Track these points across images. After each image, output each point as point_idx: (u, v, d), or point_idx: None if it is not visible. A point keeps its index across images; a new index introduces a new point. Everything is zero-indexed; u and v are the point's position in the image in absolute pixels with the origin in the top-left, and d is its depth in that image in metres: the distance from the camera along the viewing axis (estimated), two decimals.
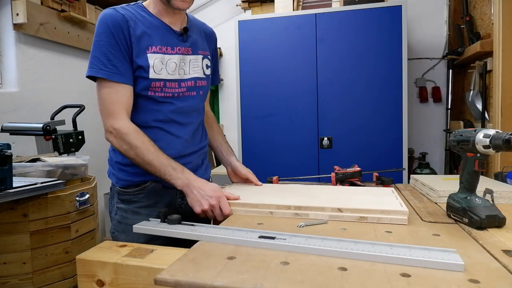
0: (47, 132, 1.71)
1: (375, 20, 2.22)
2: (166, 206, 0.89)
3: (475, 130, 0.76)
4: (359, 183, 1.23)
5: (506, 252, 0.62)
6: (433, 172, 2.64)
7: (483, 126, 2.16)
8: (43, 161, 1.67)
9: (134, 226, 0.83)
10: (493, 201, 0.79)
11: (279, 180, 1.31)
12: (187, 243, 0.71)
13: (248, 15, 2.87)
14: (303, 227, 0.78)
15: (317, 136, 2.34)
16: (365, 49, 2.24)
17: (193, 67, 1.07)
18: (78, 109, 1.95)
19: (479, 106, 2.25)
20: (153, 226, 0.81)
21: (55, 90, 2.35)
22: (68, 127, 1.93)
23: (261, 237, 0.68)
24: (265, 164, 2.39)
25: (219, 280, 0.53)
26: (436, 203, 0.99)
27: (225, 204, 0.91)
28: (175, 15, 1.04)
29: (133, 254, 0.68)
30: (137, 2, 1.06)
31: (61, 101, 2.21)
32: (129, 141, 0.93)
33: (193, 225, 0.79)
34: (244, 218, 0.88)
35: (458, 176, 0.84)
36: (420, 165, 2.67)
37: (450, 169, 2.67)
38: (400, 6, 2.18)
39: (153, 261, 0.64)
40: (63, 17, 2.33)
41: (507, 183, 1.21)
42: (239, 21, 2.42)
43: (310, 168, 2.33)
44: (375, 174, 1.29)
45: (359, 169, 1.23)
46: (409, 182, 1.32)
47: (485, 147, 0.73)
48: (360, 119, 2.27)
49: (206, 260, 0.61)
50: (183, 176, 0.94)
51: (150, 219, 0.87)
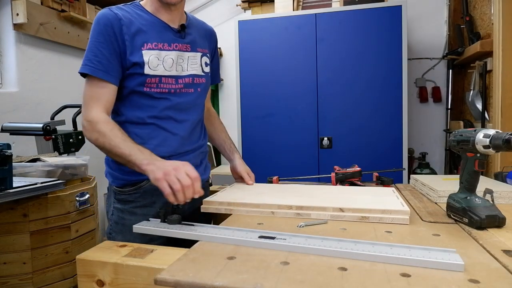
0: (47, 132, 1.71)
1: (375, 20, 2.22)
2: (163, 206, 0.87)
3: (475, 130, 0.76)
4: (359, 183, 1.23)
5: (506, 252, 0.62)
6: (433, 172, 2.64)
7: (483, 126, 2.16)
8: (43, 161, 1.67)
9: (134, 226, 0.83)
10: (493, 201, 0.79)
11: (279, 180, 1.31)
12: (187, 243, 0.71)
13: (248, 15, 2.87)
14: (303, 227, 0.78)
15: (317, 136, 2.34)
16: (365, 49, 2.24)
17: (191, 64, 1.07)
18: (78, 109, 1.95)
19: (479, 106, 2.25)
20: (153, 226, 0.81)
21: (55, 90, 2.35)
22: (68, 127, 1.93)
23: (261, 237, 0.68)
24: (265, 164, 2.39)
25: (219, 280, 0.53)
26: (436, 203, 0.99)
27: (191, 169, 0.84)
28: (172, 12, 1.04)
29: (133, 254, 0.68)
30: (134, 1, 1.07)
31: (61, 101, 2.20)
32: (98, 129, 0.92)
33: (193, 225, 0.79)
34: (244, 218, 0.88)
35: (458, 176, 0.84)
36: (420, 165, 2.67)
37: (450, 169, 2.67)
38: (400, 6, 2.18)
39: (153, 261, 0.64)
40: (63, 17, 2.33)
41: (507, 183, 1.21)
42: (239, 21, 2.42)
43: (310, 168, 2.32)
44: (375, 174, 1.29)
45: (359, 169, 1.23)
46: (409, 182, 1.32)
47: (485, 147, 0.73)
48: (360, 119, 2.27)
49: (206, 260, 0.61)
50: (150, 157, 0.88)
51: (150, 219, 0.87)
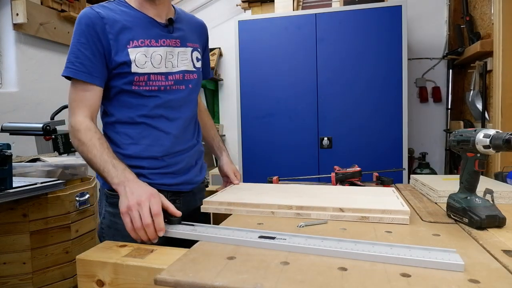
0: (47, 132, 1.71)
1: (375, 20, 2.22)
2: None
3: (475, 130, 0.75)
4: (359, 183, 1.23)
5: (506, 252, 0.62)
6: (433, 172, 2.64)
7: (483, 126, 2.16)
8: (43, 161, 1.67)
9: None
10: (493, 201, 0.79)
11: (279, 180, 1.31)
12: (187, 243, 0.71)
13: (248, 15, 2.87)
14: (303, 227, 0.78)
15: (317, 136, 2.34)
16: (365, 49, 2.24)
17: (181, 59, 1.03)
18: None
19: (479, 106, 2.25)
20: None
21: (55, 90, 2.35)
22: (68, 127, 1.93)
23: (261, 237, 0.68)
24: (265, 164, 2.39)
25: (219, 280, 0.53)
26: (436, 203, 0.99)
27: (156, 203, 0.79)
28: (157, 7, 1.00)
29: (133, 254, 0.68)
30: None
31: (61, 101, 2.19)
32: (79, 138, 0.91)
33: (193, 225, 0.79)
34: (244, 218, 0.88)
35: (458, 176, 0.84)
36: (420, 165, 2.67)
37: (450, 169, 2.67)
38: (400, 6, 2.18)
39: (153, 261, 0.64)
40: (63, 17, 2.33)
41: (507, 183, 1.21)
42: (239, 21, 2.42)
43: (310, 168, 2.32)
44: (375, 174, 1.29)
45: (359, 169, 1.23)
46: (409, 182, 1.32)
47: (485, 147, 0.72)
48: (360, 119, 2.27)
49: (206, 260, 0.61)
50: (122, 174, 0.84)
51: None
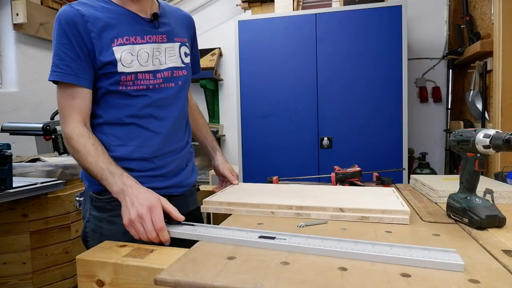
0: (47, 132, 1.71)
1: (375, 20, 2.22)
2: None
3: (475, 130, 0.75)
4: (359, 183, 1.23)
5: (506, 252, 0.62)
6: (433, 172, 2.64)
7: (483, 126, 2.16)
8: (43, 161, 1.67)
9: None
10: (493, 201, 0.79)
11: (279, 180, 1.31)
12: (187, 243, 0.71)
13: (248, 15, 2.87)
14: (303, 227, 0.78)
15: (317, 136, 2.33)
16: (365, 49, 2.24)
17: (169, 56, 0.99)
18: None
19: (479, 106, 2.25)
20: None
21: (55, 90, 2.34)
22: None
23: (261, 237, 0.68)
24: (265, 164, 2.38)
25: (219, 280, 0.53)
26: (436, 203, 0.99)
27: (158, 216, 0.76)
28: (140, 2, 0.96)
29: (133, 254, 0.68)
30: None
31: None
32: (73, 146, 0.87)
33: (193, 225, 0.79)
34: (244, 218, 0.88)
35: (458, 176, 0.84)
36: (420, 165, 2.67)
37: (450, 169, 2.67)
38: (400, 6, 2.18)
39: (153, 261, 0.64)
40: None
41: (507, 183, 1.21)
42: (239, 21, 2.42)
43: (310, 168, 2.32)
44: (375, 174, 1.29)
45: (359, 169, 1.23)
46: (409, 182, 1.32)
47: (485, 147, 0.72)
48: (360, 119, 2.27)
49: (206, 260, 0.61)
50: (120, 181, 0.82)
51: None
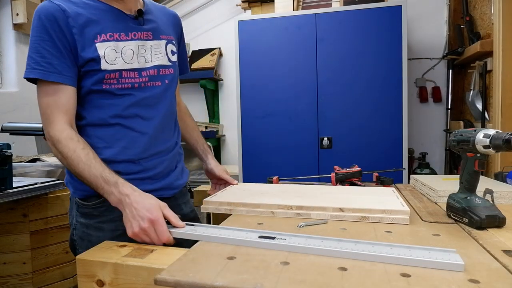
0: None
1: (375, 20, 2.22)
2: None
3: (475, 130, 0.75)
4: (359, 183, 1.23)
5: (506, 252, 0.62)
6: (433, 172, 2.64)
7: (483, 126, 2.16)
8: (43, 161, 1.67)
9: None
10: (493, 201, 0.79)
11: (279, 180, 1.31)
12: (187, 243, 0.71)
13: (248, 15, 2.87)
14: (303, 227, 0.78)
15: (317, 136, 2.34)
16: (365, 49, 2.24)
17: (155, 53, 0.96)
18: None
19: (479, 106, 2.25)
20: None
21: None
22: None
23: (261, 237, 0.68)
24: (265, 164, 2.38)
25: (219, 280, 0.53)
26: (436, 203, 0.99)
27: (161, 229, 0.74)
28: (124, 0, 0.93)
29: (133, 254, 0.68)
30: None
31: None
32: (61, 150, 0.83)
33: (193, 225, 0.78)
34: (244, 218, 0.88)
35: (458, 176, 0.84)
36: (420, 165, 2.67)
37: (450, 169, 2.67)
38: (400, 6, 2.18)
39: (153, 261, 0.64)
40: None
41: (507, 183, 1.21)
42: (239, 21, 2.42)
43: (310, 168, 2.32)
44: (375, 174, 1.29)
45: (359, 169, 1.23)
46: (409, 182, 1.32)
47: (485, 147, 0.72)
48: (360, 119, 2.27)
49: (206, 260, 0.61)
50: (116, 190, 0.79)
51: None
